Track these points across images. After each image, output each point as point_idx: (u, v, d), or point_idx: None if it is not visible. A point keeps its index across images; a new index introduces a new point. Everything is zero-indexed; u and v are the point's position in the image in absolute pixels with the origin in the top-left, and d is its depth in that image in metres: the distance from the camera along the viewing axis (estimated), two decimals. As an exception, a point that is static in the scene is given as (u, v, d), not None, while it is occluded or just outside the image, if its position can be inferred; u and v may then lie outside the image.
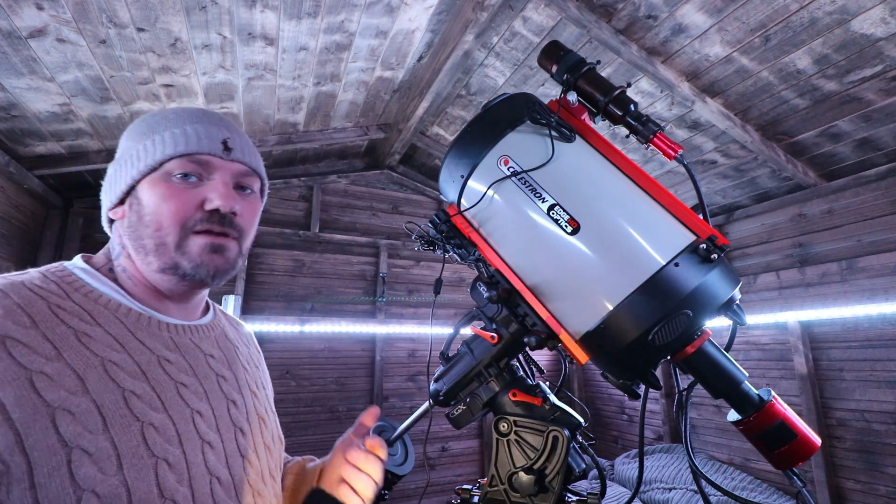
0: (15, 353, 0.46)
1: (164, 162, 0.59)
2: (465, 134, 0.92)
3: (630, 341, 0.70)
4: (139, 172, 0.59)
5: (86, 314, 0.54)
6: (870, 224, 2.51)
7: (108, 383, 0.50)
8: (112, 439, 0.48)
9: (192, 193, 0.60)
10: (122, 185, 0.60)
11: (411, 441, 1.08)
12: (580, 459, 0.86)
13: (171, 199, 0.59)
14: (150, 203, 0.59)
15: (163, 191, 0.59)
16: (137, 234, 0.59)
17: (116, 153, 0.64)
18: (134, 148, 0.61)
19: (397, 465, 1.02)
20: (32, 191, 2.53)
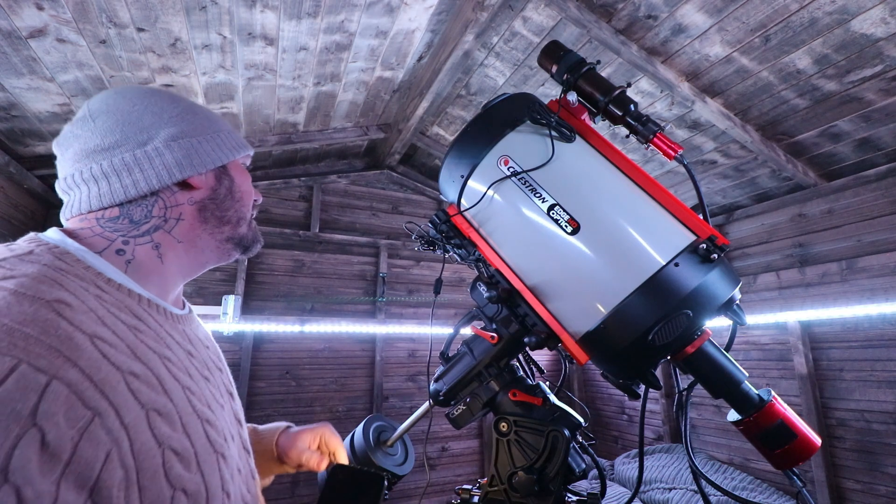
0: (107, 352, 0.42)
1: (245, 156, 0.70)
2: (465, 134, 0.92)
3: (630, 341, 0.71)
4: (233, 155, 0.65)
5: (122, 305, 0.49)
6: (870, 224, 2.51)
7: (172, 381, 0.48)
8: (189, 437, 0.47)
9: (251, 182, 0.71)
10: (218, 160, 0.63)
11: (411, 441, 1.08)
12: (580, 459, 0.86)
13: (251, 185, 0.70)
14: (242, 183, 0.67)
15: (247, 177, 0.69)
16: (223, 205, 0.64)
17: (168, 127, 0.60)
18: (212, 131, 0.65)
19: (397, 465, 1.02)
20: (32, 191, 2.54)
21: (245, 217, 0.67)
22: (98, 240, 0.54)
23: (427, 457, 3.36)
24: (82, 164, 0.56)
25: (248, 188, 0.68)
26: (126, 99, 0.60)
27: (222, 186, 0.64)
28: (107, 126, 0.57)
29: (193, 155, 0.61)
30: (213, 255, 0.65)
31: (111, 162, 0.56)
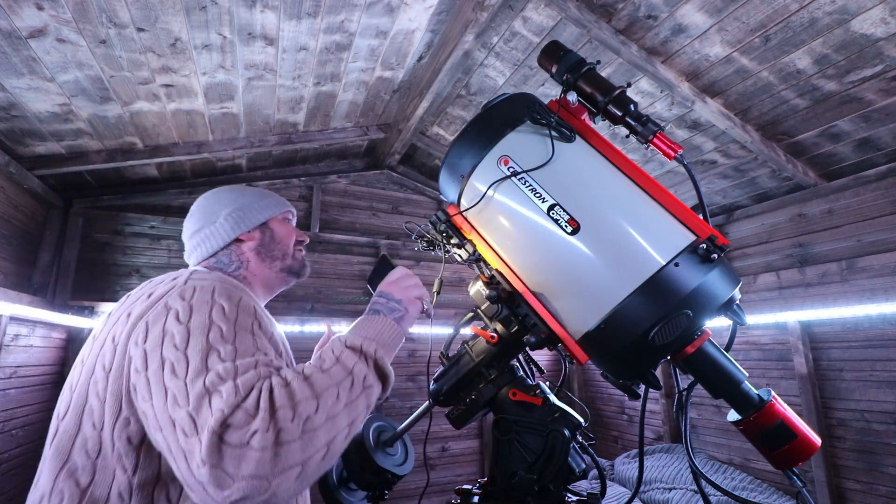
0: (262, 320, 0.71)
1: (284, 212, 1.02)
2: (466, 134, 0.92)
3: (630, 341, 0.71)
4: (271, 214, 0.99)
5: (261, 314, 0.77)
6: (870, 224, 2.51)
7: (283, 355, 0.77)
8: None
9: (293, 228, 1.02)
10: (258, 221, 0.96)
11: (411, 441, 1.08)
12: (580, 459, 0.86)
13: (291, 231, 1.01)
14: (280, 231, 0.98)
15: (286, 227, 1.00)
16: (270, 248, 0.96)
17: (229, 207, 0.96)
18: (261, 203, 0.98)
19: (397, 465, 1.02)
20: (32, 191, 2.53)
21: (288, 253, 0.98)
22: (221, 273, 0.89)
23: (427, 457, 3.35)
24: (191, 240, 0.95)
25: (286, 233, 0.99)
26: (206, 197, 0.98)
27: (266, 236, 0.97)
28: (196, 217, 0.96)
29: (240, 221, 0.95)
30: (277, 281, 0.97)
31: (200, 236, 0.94)
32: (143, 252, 3.06)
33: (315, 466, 0.54)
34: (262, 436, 0.51)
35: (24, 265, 2.60)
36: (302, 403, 0.55)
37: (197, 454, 0.51)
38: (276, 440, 0.51)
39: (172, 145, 2.73)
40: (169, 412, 0.55)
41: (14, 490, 2.32)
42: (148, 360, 0.60)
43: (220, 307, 0.65)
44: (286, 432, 0.52)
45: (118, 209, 3.04)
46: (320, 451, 0.55)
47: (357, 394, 0.62)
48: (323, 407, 0.57)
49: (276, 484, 0.51)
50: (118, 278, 2.97)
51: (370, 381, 0.65)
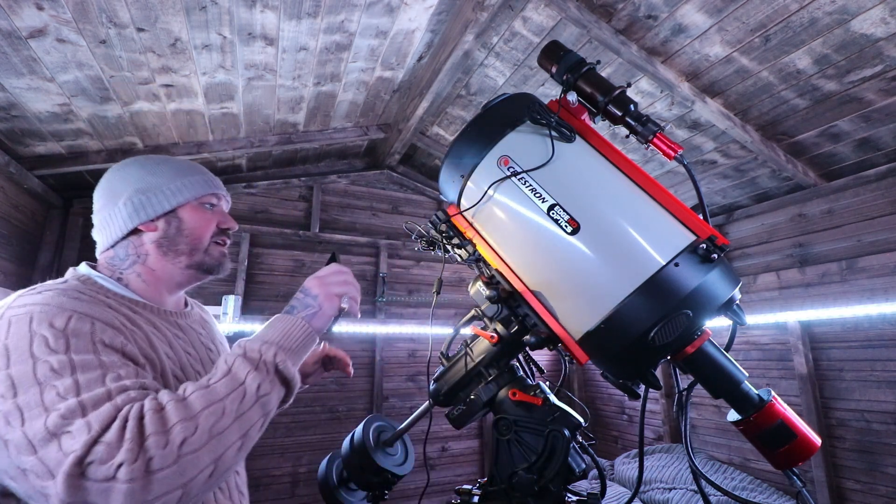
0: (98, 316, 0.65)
1: (203, 197, 0.87)
2: (466, 134, 0.92)
3: (630, 341, 0.71)
4: (183, 200, 0.84)
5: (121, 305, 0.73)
6: (870, 224, 2.51)
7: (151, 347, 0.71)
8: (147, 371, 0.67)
9: (213, 216, 0.88)
10: (162, 208, 0.82)
11: (411, 441, 1.08)
12: (580, 459, 0.86)
13: (208, 220, 0.87)
14: (191, 221, 0.84)
15: (201, 214, 0.86)
16: (175, 241, 0.83)
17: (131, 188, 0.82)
18: (172, 184, 0.84)
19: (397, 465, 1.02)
20: (32, 191, 2.53)
21: (199, 247, 0.85)
22: (106, 270, 0.83)
23: (427, 457, 3.36)
24: (94, 225, 0.85)
25: (198, 223, 0.85)
26: (111, 171, 0.85)
27: (171, 227, 0.83)
28: (98, 194, 0.84)
29: (141, 208, 0.81)
30: (182, 278, 0.86)
31: (100, 219, 0.83)
32: (143, 252, 3.06)
33: (201, 485, 0.52)
34: (129, 467, 0.48)
35: (24, 265, 2.60)
36: (176, 427, 0.51)
37: (53, 498, 0.47)
38: (146, 469, 0.48)
39: (172, 145, 2.73)
40: (16, 463, 0.50)
41: (14, 490, 2.32)
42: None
43: (41, 339, 0.56)
44: (158, 459, 0.49)
45: (118, 209, 3.04)
46: (205, 470, 0.53)
47: (249, 405, 0.59)
48: (203, 427, 0.53)
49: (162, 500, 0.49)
50: (118, 278, 2.96)
51: (265, 390, 0.61)
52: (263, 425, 0.61)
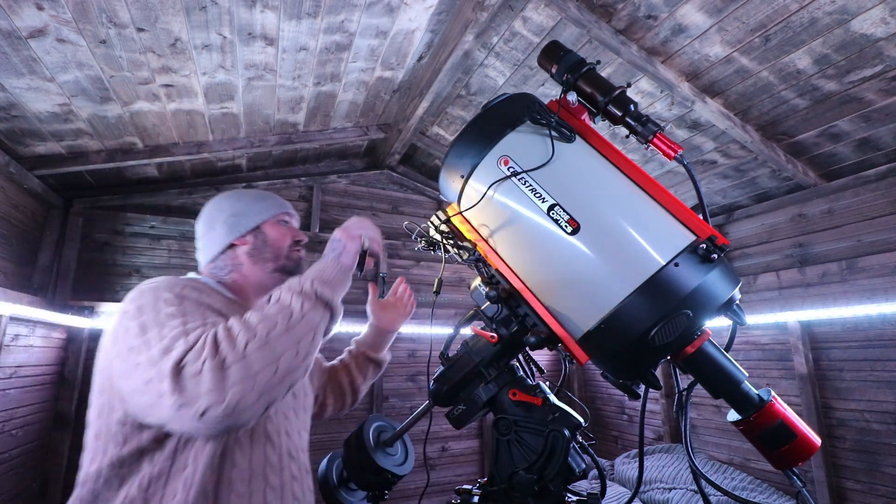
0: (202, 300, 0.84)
1: (279, 215, 1.08)
2: (465, 134, 0.92)
3: (630, 341, 0.71)
4: (264, 218, 1.05)
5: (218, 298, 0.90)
6: (870, 224, 2.51)
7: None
8: None
9: (288, 230, 1.08)
10: (249, 226, 1.03)
11: (411, 441, 1.08)
12: (580, 459, 0.86)
13: (286, 233, 1.07)
14: (272, 234, 1.05)
15: (280, 229, 1.07)
16: (262, 251, 1.03)
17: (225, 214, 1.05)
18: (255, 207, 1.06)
19: (397, 465, 1.02)
20: (32, 191, 2.53)
21: (280, 255, 1.04)
22: (210, 277, 1.03)
23: (427, 457, 3.36)
24: (197, 247, 1.06)
25: (279, 235, 1.05)
26: (208, 205, 1.07)
27: (258, 240, 1.04)
28: (200, 224, 1.06)
29: (234, 227, 1.03)
30: (269, 280, 1.04)
31: (203, 241, 1.05)
32: (143, 252, 3.06)
33: (267, 381, 0.68)
34: (210, 362, 0.66)
35: (24, 265, 2.60)
36: (241, 335, 0.70)
37: (166, 394, 0.65)
38: (222, 364, 0.66)
39: (172, 145, 2.73)
40: (143, 378, 0.69)
41: (14, 490, 2.32)
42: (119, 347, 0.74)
43: (164, 298, 0.79)
44: (230, 357, 0.67)
45: (118, 209, 3.04)
46: (267, 368, 0.69)
47: (297, 321, 0.75)
48: (261, 335, 0.70)
49: (230, 395, 0.65)
50: (118, 278, 2.97)
51: (308, 308, 0.77)
52: (313, 340, 0.76)
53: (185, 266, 3.14)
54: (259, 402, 0.67)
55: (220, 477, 0.77)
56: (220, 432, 0.67)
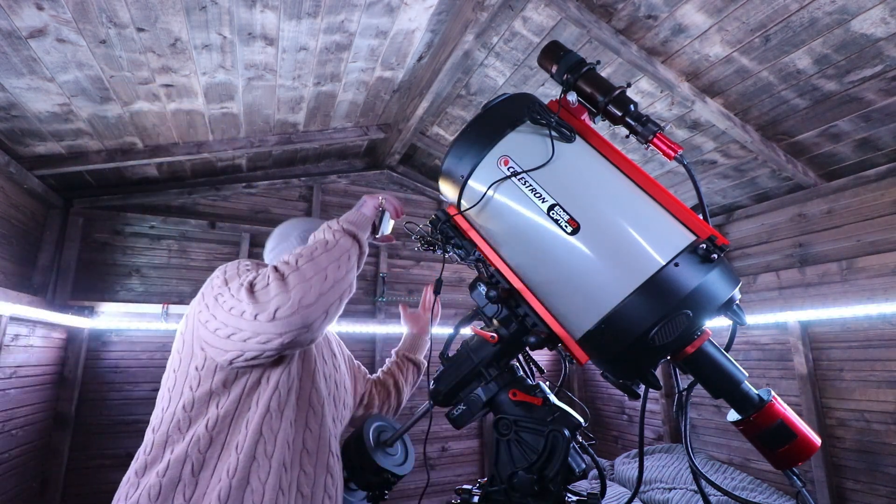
0: None
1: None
2: (465, 134, 0.92)
3: (630, 341, 0.70)
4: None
5: None
6: (870, 224, 2.51)
7: None
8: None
9: None
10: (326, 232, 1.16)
11: (411, 441, 1.08)
12: (580, 459, 0.86)
13: None
14: None
15: None
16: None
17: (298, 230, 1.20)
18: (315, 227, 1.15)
19: (397, 465, 1.02)
20: (32, 191, 2.53)
21: None
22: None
23: (427, 457, 3.36)
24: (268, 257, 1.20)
25: None
26: (283, 224, 1.24)
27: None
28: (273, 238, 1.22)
29: (303, 241, 1.13)
30: None
31: (275, 252, 1.18)
32: (143, 252, 3.06)
33: (320, 284, 0.82)
34: (273, 276, 0.82)
35: (24, 265, 2.60)
36: (291, 258, 0.86)
37: (246, 309, 0.79)
38: (282, 276, 0.82)
39: (172, 145, 2.73)
40: (226, 309, 0.82)
41: (14, 490, 2.32)
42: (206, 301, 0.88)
43: (244, 264, 0.96)
44: (286, 272, 0.82)
45: (118, 209, 3.04)
46: (316, 277, 0.83)
47: (332, 246, 0.89)
48: (307, 256, 0.86)
49: (293, 294, 0.79)
50: (118, 278, 2.97)
51: (339, 237, 0.92)
52: (349, 260, 0.90)
53: (185, 266, 3.15)
54: (318, 304, 0.81)
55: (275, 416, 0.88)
56: (294, 331, 0.79)
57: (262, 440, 0.84)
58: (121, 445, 2.78)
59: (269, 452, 0.84)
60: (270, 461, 0.83)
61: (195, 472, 0.80)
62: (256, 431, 0.84)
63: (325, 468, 0.93)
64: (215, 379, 0.87)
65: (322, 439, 0.94)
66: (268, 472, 0.82)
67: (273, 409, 0.87)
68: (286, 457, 0.85)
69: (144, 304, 2.95)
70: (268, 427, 0.85)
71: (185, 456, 0.81)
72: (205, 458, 0.82)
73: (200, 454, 0.82)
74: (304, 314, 0.79)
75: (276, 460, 0.84)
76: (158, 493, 0.78)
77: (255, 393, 0.88)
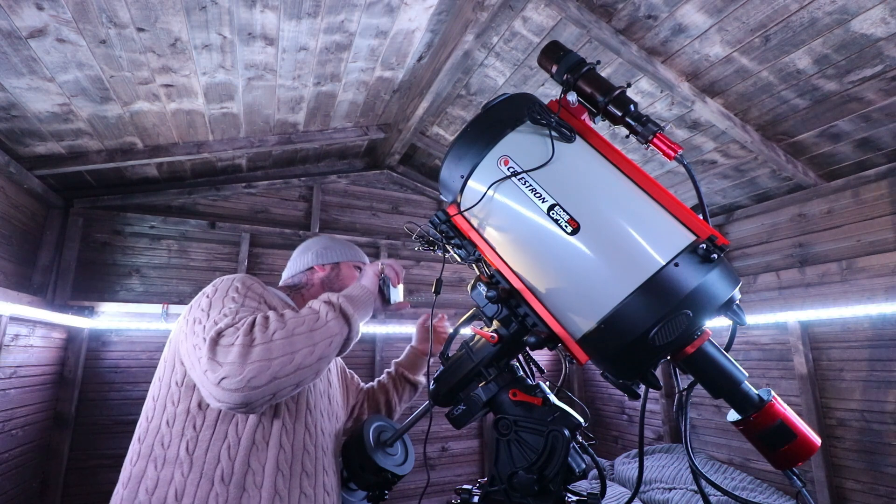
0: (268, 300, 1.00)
1: (358, 262, 1.29)
2: (466, 134, 0.92)
3: (630, 341, 0.70)
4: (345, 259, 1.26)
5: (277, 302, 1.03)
6: (870, 224, 2.51)
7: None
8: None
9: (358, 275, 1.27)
10: (332, 260, 1.25)
11: (411, 441, 1.08)
12: (580, 459, 0.86)
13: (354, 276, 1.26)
14: (345, 272, 1.25)
15: (353, 272, 1.27)
16: (332, 282, 1.22)
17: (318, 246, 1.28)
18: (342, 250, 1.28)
19: (397, 465, 1.02)
20: (32, 191, 2.53)
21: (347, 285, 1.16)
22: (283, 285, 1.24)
23: (427, 457, 3.36)
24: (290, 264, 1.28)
25: (348, 276, 1.25)
26: (308, 240, 1.30)
27: (332, 273, 1.24)
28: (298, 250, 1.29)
29: (320, 256, 1.24)
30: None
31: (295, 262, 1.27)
32: (143, 252, 3.06)
33: (280, 367, 0.78)
34: (242, 338, 0.79)
35: (24, 265, 2.60)
36: (271, 326, 0.82)
37: (203, 358, 0.79)
38: (249, 343, 0.78)
39: (172, 145, 2.73)
40: (193, 342, 0.83)
41: (14, 490, 2.32)
42: (188, 321, 0.89)
43: (235, 286, 0.95)
44: (256, 339, 0.79)
45: (118, 209, 3.04)
46: (284, 357, 0.79)
47: (320, 326, 0.86)
48: (288, 330, 0.82)
49: (248, 371, 0.76)
50: (118, 278, 2.97)
51: (331, 318, 0.89)
52: (329, 346, 0.86)
53: (185, 266, 3.15)
54: (267, 386, 0.77)
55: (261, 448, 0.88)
56: (233, 404, 0.77)
57: (250, 472, 0.84)
58: (121, 445, 2.77)
59: (259, 483, 0.84)
60: (261, 491, 0.83)
61: (178, 498, 0.80)
62: (244, 463, 0.84)
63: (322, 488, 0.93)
64: (193, 399, 0.87)
65: (317, 459, 0.95)
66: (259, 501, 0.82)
67: (258, 440, 0.87)
68: (279, 484, 0.85)
69: (144, 304, 2.95)
70: (255, 459, 0.85)
71: (171, 478, 0.82)
72: (186, 482, 0.81)
73: (183, 478, 0.82)
74: (246, 395, 0.76)
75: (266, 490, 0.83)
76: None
77: (233, 421, 0.86)
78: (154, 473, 0.82)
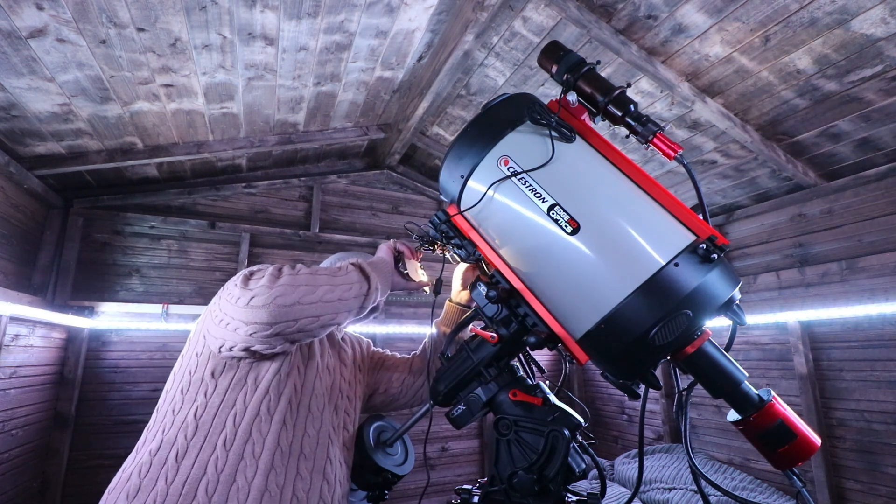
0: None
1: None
2: (466, 134, 0.92)
3: (630, 341, 0.70)
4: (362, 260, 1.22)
5: None
6: (870, 224, 2.51)
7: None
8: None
9: None
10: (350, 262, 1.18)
11: (411, 441, 1.08)
12: (580, 459, 0.86)
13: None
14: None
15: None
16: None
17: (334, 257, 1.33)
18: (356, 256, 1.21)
19: (397, 465, 1.02)
20: (32, 191, 2.53)
21: None
22: None
23: (427, 457, 3.36)
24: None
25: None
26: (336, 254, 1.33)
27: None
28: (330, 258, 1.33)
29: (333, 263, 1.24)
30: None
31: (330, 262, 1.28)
32: (143, 252, 3.06)
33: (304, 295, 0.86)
34: (271, 270, 0.88)
35: (24, 265, 2.60)
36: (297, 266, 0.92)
37: (236, 290, 0.87)
38: (277, 273, 0.88)
39: (172, 145, 2.73)
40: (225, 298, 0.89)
41: (14, 490, 2.32)
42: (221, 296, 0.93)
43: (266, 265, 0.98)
44: (284, 272, 0.89)
45: (118, 209, 3.04)
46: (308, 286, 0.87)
47: (341, 273, 0.95)
48: (311, 270, 0.92)
49: (275, 290, 0.84)
50: (118, 278, 2.97)
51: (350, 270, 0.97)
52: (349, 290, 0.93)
53: (185, 266, 3.15)
54: (291, 309, 0.84)
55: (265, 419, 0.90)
56: (260, 323, 0.82)
57: (250, 441, 0.85)
58: (121, 445, 2.77)
59: (258, 453, 0.85)
60: (258, 462, 0.84)
61: (178, 459, 0.82)
62: (246, 431, 0.85)
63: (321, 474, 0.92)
64: (208, 366, 0.91)
65: (320, 445, 0.94)
66: (254, 472, 0.83)
67: (263, 412, 0.88)
68: (276, 459, 0.86)
69: (144, 304, 2.95)
70: (257, 429, 0.86)
71: (174, 440, 0.84)
72: (188, 445, 0.83)
73: (186, 441, 0.83)
74: (272, 311, 0.82)
75: (263, 462, 0.84)
76: (147, 471, 0.81)
77: (242, 390, 0.89)
78: (160, 437, 0.85)
